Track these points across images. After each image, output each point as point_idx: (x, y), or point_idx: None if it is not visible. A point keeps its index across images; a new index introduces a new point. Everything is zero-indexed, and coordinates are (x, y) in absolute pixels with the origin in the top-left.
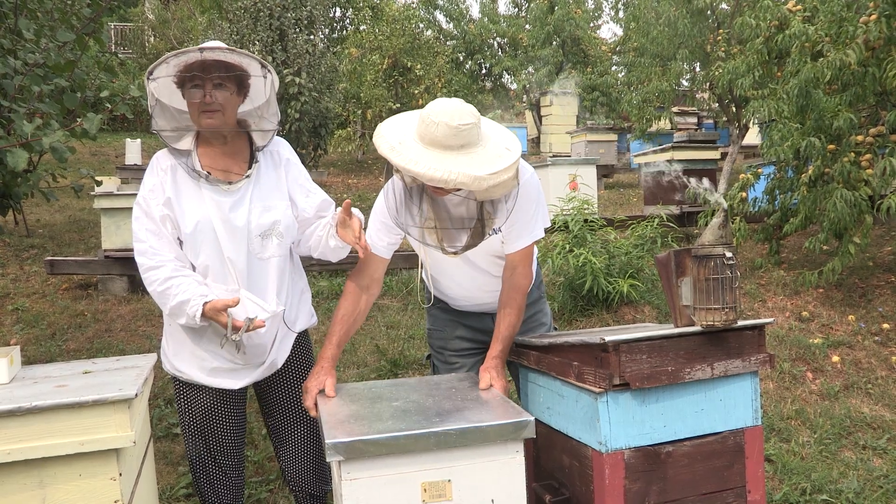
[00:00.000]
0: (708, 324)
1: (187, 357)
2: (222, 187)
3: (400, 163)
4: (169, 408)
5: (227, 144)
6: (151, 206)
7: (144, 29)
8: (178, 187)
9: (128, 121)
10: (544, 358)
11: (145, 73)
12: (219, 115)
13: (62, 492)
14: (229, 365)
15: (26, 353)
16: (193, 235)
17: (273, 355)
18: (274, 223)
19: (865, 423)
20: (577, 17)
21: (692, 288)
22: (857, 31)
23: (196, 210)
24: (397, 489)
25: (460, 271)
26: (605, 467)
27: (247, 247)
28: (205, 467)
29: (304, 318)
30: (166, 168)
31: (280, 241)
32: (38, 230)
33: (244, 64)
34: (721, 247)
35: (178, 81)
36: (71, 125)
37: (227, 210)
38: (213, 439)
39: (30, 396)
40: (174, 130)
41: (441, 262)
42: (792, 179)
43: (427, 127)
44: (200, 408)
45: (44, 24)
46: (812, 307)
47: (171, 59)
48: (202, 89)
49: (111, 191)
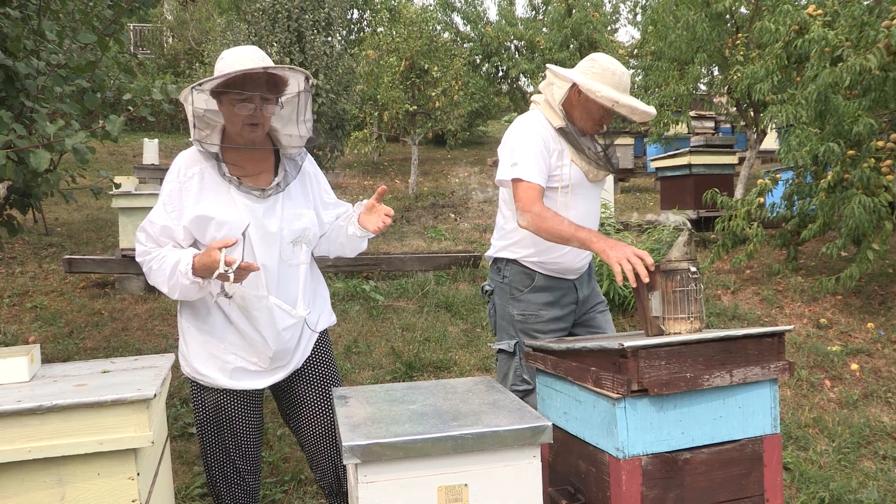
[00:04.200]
0: (675, 332)
1: (206, 358)
2: (254, 193)
3: (635, 105)
4: (185, 407)
5: (254, 150)
6: (160, 214)
7: (163, 30)
8: (206, 193)
9: (146, 121)
10: (562, 363)
11: (192, 85)
12: (260, 127)
13: (81, 490)
14: (253, 367)
15: (44, 351)
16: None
17: (297, 358)
18: (304, 230)
19: (885, 433)
20: (594, 20)
21: (661, 300)
22: (878, 36)
23: (229, 215)
24: (414, 493)
25: (593, 212)
26: (623, 473)
27: (279, 253)
28: (221, 468)
29: (324, 318)
30: (191, 175)
31: (308, 248)
32: (56, 229)
33: (294, 79)
34: (686, 262)
35: (215, 90)
36: (91, 126)
37: (261, 216)
38: (231, 440)
39: (50, 395)
40: (209, 135)
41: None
42: (810, 185)
43: (619, 77)
44: (218, 409)
45: (66, 25)
46: (830, 314)
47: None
48: (250, 103)
49: (129, 190)
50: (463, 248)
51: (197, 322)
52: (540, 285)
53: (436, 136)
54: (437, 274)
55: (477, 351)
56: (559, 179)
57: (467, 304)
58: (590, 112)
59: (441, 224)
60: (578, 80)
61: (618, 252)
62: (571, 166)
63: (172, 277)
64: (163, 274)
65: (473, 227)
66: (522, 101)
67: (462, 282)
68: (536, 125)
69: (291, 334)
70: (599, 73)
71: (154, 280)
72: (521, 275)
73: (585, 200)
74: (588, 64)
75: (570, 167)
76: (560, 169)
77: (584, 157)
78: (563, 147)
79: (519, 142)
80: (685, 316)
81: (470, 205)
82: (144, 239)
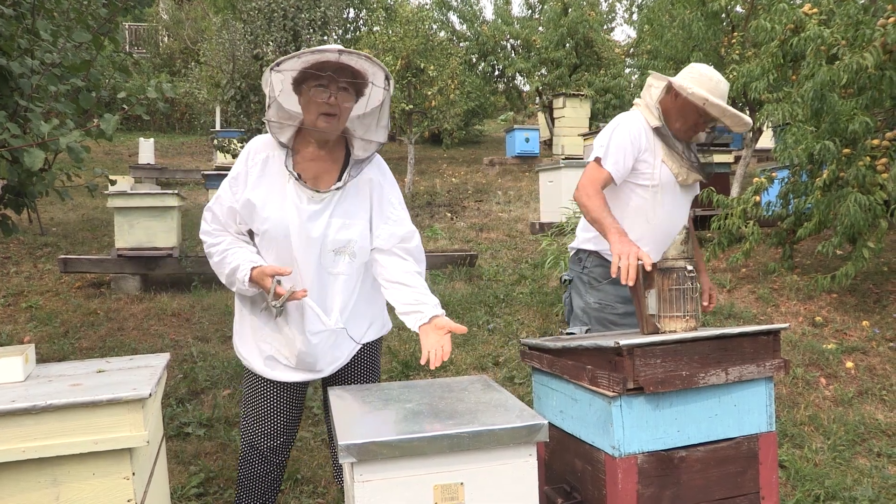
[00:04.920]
0: (670, 330)
1: (248, 341)
2: (309, 193)
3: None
4: (180, 407)
5: (325, 150)
6: (227, 194)
7: (158, 29)
8: (264, 180)
9: (141, 120)
10: (557, 361)
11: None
12: (335, 119)
13: (75, 490)
14: (283, 360)
15: (39, 351)
16: (268, 233)
17: (328, 364)
18: (349, 242)
19: (880, 430)
20: (590, 19)
21: (657, 298)
22: (874, 34)
23: (276, 211)
24: (410, 491)
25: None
26: (619, 472)
27: (318, 259)
28: (250, 458)
29: (374, 329)
30: (258, 160)
31: (351, 261)
32: (51, 228)
33: (371, 72)
34: (683, 260)
35: (298, 78)
36: (86, 125)
37: (306, 218)
38: (261, 424)
39: (45, 395)
40: (282, 124)
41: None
42: (806, 183)
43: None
44: (252, 389)
45: (60, 23)
46: (826, 312)
47: (305, 56)
48: (327, 90)
49: (125, 190)
50: (459, 248)
51: (245, 305)
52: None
53: (432, 135)
54: (434, 273)
55: (473, 350)
56: (650, 178)
57: (463, 304)
58: (684, 115)
59: (437, 223)
60: (673, 80)
61: (621, 248)
62: (662, 167)
63: (231, 277)
64: (222, 269)
65: (470, 227)
66: (518, 100)
67: (458, 281)
68: (632, 122)
69: (320, 340)
70: (696, 78)
71: (214, 269)
72: (601, 266)
73: (674, 203)
74: (687, 70)
75: (660, 167)
76: (652, 168)
77: (677, 159)
78: (657, 147)
79: (611, 134)
80: (681, 314)
81: (466, 204)
82: (210, 219)
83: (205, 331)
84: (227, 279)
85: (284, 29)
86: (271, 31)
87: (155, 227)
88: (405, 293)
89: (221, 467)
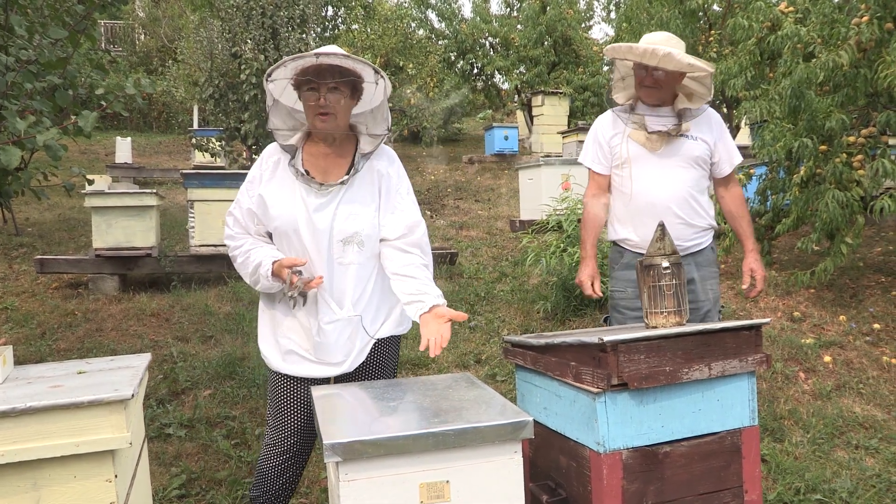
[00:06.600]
0: (652, 326)
1: (269, 339)
2: (315, 187)
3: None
4: (161, 408)
5: (334, 146)
6: (245, 197)
7: (135, 27)
8: (276, 181)
9: (118, 118)
10: (541, 358)
11: (264, 74)
12: (332, 117)
13: (57, 494)
14: (303, 353)
15: (16, 353)
16: (279, 228)
17: (344, 357)
18: (356, 232)
19: (857, 423)
20: (569, 17)
21: (645, 295)
22: (849, 33)
23: (285, 206)
24: (395, 490)
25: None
26: (603, 467)
27: (328, 250)
28: (271, 455)
29: (389, 326)
30: (270, 163)
31: (360, 250)
32: (27, 229)
33: (358, 69)
34: (659, 257)
35: (294, 83)
36: (63, 123)
37: (312, 211)
38: (282, 425)
39: (24, 397)
40: (287, 129)
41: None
42: (784, 180)
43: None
44: (275, 388)
45: (34, 20)
46: (804, 307)
47: (288, 63)
48: (317, 92)
49: (102, 189)
50: (439, 246)
51: (268, 305)
52: (627, 262)
53: (411, 133)
54: None
55: (455, 348)
56: (618, 157)
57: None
58: (634, 79)
59: None
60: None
61: (577, 277)
62: (628, 142)
63: (254, 275)
64: (246, 269)
65: (449, 225)
66: (497, 99)
67: (439, 279)
68: (599, 119)
69: (334, 329)
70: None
71: (238, 270)
72: (615, 253)
73: (652, 173)
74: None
75: (626, 143)
76: (619, 147)
77: (634, 125)
78: (627, 127)
79: (587, 137)
80: (661, 311)
81: (446, 202)
82: (232, 223)
83: (185, 331)
84: (252, 278)
85: (263, 27)
86: (249, 29)
87: (133, 227)
88: (408, 284)
89: (203, 468)
